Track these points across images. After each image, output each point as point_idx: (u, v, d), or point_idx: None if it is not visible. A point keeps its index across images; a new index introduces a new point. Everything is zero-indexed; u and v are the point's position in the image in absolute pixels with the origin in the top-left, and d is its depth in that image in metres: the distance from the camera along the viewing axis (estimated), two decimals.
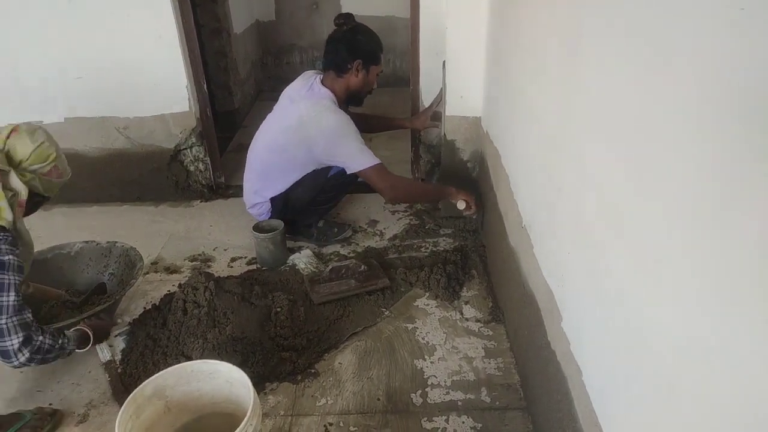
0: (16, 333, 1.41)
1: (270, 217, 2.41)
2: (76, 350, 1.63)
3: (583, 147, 1.18)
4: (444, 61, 2.37)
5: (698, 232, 0.74)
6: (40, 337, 1.46)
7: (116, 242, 2.11)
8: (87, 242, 2.12)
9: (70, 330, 1.64)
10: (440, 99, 2.52)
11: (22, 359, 1.43)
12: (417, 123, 2.66)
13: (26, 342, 1.42)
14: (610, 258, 1.04)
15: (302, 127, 2.18)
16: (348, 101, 2.38)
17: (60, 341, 1.53)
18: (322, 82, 2.26)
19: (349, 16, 2.28)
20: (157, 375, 1.37)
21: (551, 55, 1.41)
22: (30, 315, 1.47)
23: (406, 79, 3.04)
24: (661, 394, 0.85)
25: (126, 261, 2.05)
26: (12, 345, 1.41)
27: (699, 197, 0.73)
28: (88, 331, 1.67)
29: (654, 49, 0.85)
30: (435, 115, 2.59)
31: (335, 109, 2.19)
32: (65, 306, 1.94)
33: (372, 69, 2.28)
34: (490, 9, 2.17)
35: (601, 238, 1.08)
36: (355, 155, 2.17)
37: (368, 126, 2.73)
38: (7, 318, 1.40)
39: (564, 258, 1.31)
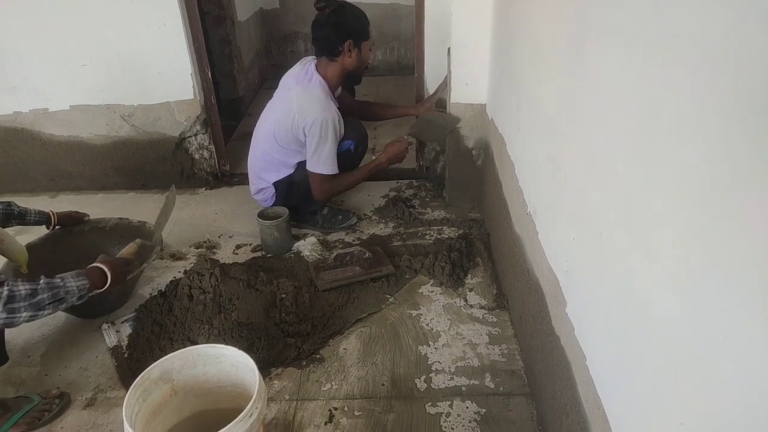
0: None
1: (275, 203, 2.43)
2: (90, 293, 1.46)
3: (590, 135, 1.18)
4: (449, 48, 2.35)
5: (704, 219, 0.73)
6: (5, 288, 1.29)
7: (146, 222, 2.17)
8: (121, 219, 2.19)
9: (73, 272, 1.45)
10: (445, 86, 2.51)
11: None
12: (422, 110, 2.65)
13: None
14: (616, 244, 1.04)
15: (291, 115, 2.22)
16: (346, 82, 2.38)
17: (42, 283, 1.36)
18: (317, 68, 2.27)
19: None
20: (164, 358, 1.38)
21: (557, 41, 1.40)
22: None
23: (411, 67, 3.03)
24: (667, 377, 0.85)
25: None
26: None
27: (705, 184, 0.73)
28: (105, 268, 1.49)
29: (662, 35, 0.84)
30: (439, 101, 2.58)
31: (324, 103, 2.19)
32: None
33: (364, 45, 2.25)
34: None
35: (607, 225, 1.08)
36: (320, 158, 2.25)
37: (373, 114, 2.73)
38: None
39: (569, 244, 1.31)
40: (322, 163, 2.25)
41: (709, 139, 0.72)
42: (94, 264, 1.54)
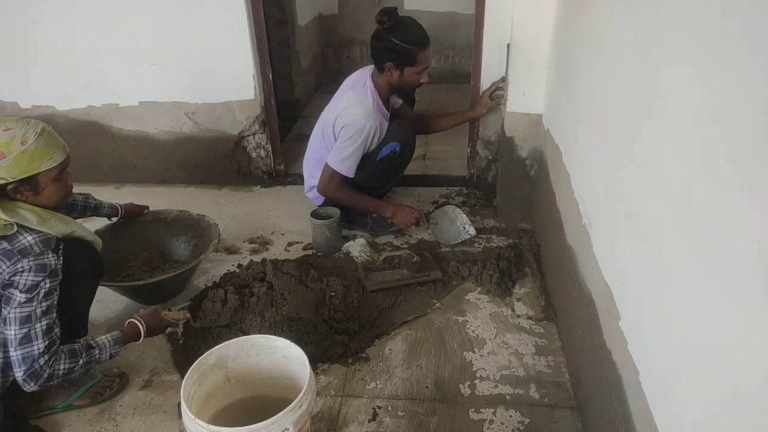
0: (19, 366, 1.41)
1: (324, 201, 2.48)
2: (125, 346, 1.59)
3: (653, 148, 1.16)
4: (508, 45, 2.34)
5: None
6: (47, 370, 1.42)
7: (204, 216, 2.25)
8: (181, 211, 2.29)
9: (111, 334, 1.57)
10: (500, 83, 2.51)
11: (31, 388, 1.43)
12: (479, 109, 2.64)
13: (32, 376, 1.41)
14: (677, 258, 1.02)
15: (336, 115, 2.32)
16: (405, 97, 2.41)
17: (82, 358, 1.48)
18: (372, 76, 2.36)
19: (390, 12, 2.24)
20: (219, 346, 1.44)
21: (623, 53, 1.39)
22: (40, 346, 1.41)
23: (465, 75, 3.03)
24: (726, 401, 0.83)
25: (207, 235, 2.16)
26: (19, 376, 1.42)
27: None
28: (140, 325, 1.61)
29: (731, 50, 0.83)
30: (494, 96, 2.57)
31: (369, 111, 2.27)
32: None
33: (408, 70, 2.27)
34: (557, 3, 2.14)
35: (668, 238, 1.06)
36: (341, 156, 2.31)
37: (431, 127, 2.77)
38: (12, 350, 1.41)
39: (626, 257, 1.30)
40: (341, 161, 2.32)
41: None
42: (133, 320, 1.62)
